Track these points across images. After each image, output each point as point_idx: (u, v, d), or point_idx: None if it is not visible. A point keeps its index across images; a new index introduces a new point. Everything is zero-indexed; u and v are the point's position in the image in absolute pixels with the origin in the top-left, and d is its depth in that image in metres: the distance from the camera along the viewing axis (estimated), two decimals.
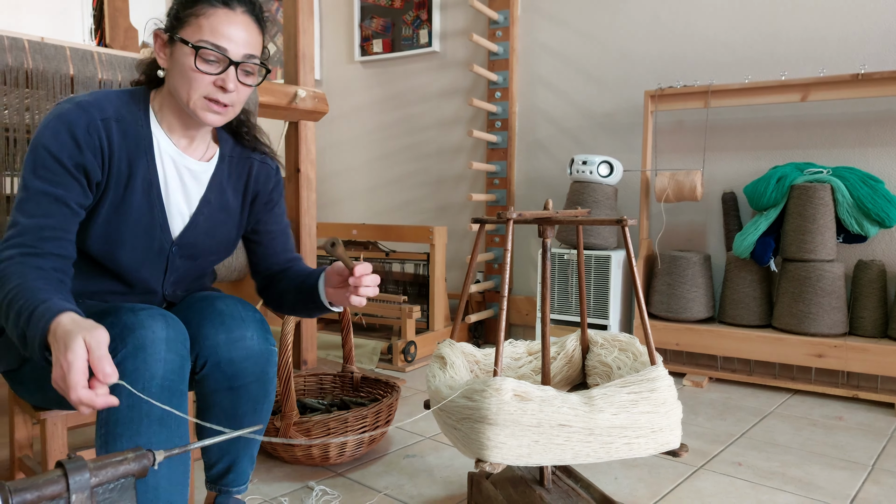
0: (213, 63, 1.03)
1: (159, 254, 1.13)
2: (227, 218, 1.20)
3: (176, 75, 1.05)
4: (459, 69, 3.34)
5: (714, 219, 2.68)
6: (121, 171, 1.06)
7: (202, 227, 1.16)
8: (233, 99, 1.06)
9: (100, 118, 1.03)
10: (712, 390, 2.37)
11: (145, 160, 1.08)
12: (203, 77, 1.03)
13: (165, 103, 1.10)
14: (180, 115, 1.10)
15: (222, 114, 1.07)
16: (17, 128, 1.49)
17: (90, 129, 1.01)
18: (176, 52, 1.05)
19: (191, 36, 1.02)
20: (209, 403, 1.14)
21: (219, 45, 1.03)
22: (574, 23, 2.97)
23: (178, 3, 1.06)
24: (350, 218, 3.79)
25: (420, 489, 1.53)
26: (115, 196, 1.07)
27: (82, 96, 1.05)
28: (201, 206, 1.15)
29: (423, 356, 2.79)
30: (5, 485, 0.57)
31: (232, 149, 1.20)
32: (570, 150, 3.01)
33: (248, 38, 1.06)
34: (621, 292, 2.63)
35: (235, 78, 1.05)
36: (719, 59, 2.64)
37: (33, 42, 1.49)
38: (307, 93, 2.14)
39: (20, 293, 0.88)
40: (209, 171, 1.16)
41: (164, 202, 1.12)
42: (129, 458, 0.64)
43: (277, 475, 1.59)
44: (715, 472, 1.63)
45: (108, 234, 1.08)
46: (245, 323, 1.13)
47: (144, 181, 1.08)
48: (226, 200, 1.18)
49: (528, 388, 1.06)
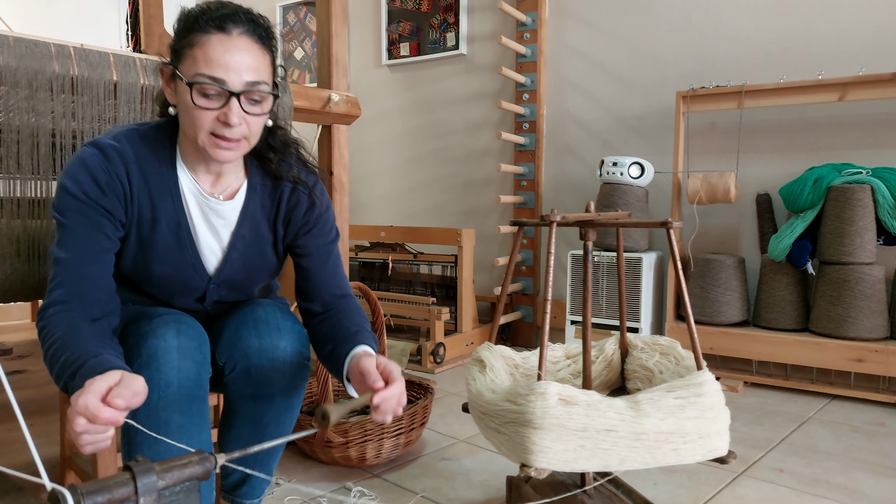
0: (213, 97, 0.95)
1: (195, 289, 1.12)
2: (264, 248, 1.15)
3: (182, 113, 0.99)
4: (487, 72, 3.34)
5: (748, 221, 2.64)
6: (143, 213, 1.03)
7: (238, 263, 1.13)
8: (242, 132, 0.98)
9: (121, 162, 1.00)
10: (748, 395, 2.33)
11: (171, 201, 1.05)
12: (204, 113, 0.95)
13: (185, 140, 1.05)
14: (198, 153, 1.04)
15: (234, 149, 0.99)
16: (64, 133, 1.52)
17: (111, 174, 0.99)
18: (178, 88, 0.98)
19: (187, 70, 0.95)
20: (235, 409, 1.14)
21: (215, 77, 0.94)
22: (603, 24, 2.96)
23: (175, 34, 0.99)
24: (378, 221, 3.81)
25: (457, 492, 1.52)
26: (141, 237, 1.05)
27: (106, 138, 1.02)
28: (234, 241, 1.11)
29: (451, 358, 2.79)
30: (77, 487, 0.58)
31: (263, 177, 1.12)
32: (599, 153, 2.99)
33: (250, 63, 0.96)
34: (652, 295, 2.60)
35: (240, 110, 0.96)
36: (752, 59, 2.60)
37: (78, 49, 1.52)
38: (340, 96, 2.15)
39: (67, 342, 0.88)
40: (237, 208, 1.10)
41: (195, 241, 1.08)
42: (194, 460, 0.65)
43: (315, 475, 1.60)
44: (756, 479, 1.60)
45: (136, 272, 1.08)
46: (280, 332, 1.10)
47: (171, 222, 1.05)
48: (260, 232, 1.13)
49: (573, 392, 1.06)
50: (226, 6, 0.97)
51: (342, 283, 1.19)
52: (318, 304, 1.17)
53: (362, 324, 1.12)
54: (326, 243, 1.17)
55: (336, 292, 1.17)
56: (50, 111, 1.52)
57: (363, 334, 1.08)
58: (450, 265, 3.06)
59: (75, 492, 0.56)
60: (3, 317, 3.47)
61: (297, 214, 1.14)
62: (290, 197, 1.13)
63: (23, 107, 1.48)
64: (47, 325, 0.91)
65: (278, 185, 1.12)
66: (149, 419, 0.95)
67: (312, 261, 1.16)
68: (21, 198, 1.55)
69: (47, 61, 1.45)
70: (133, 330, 0.99)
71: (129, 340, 0.99)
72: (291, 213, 1.14)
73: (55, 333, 0.89)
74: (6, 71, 1.41)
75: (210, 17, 0.95)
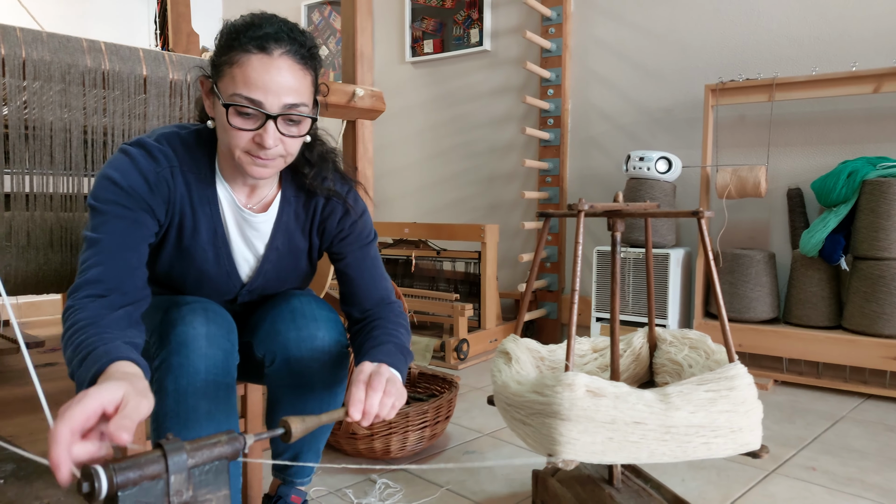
0: (249, 118, 0.93)
1: (227, 293, 1.13)
2: (298, 258, 1.15)
3: (219, 128, 0.98)
4: (511, 67, 3.32)
5: (778, 216, 2.59)
6: (184, 221, 1.03)
7: (271, 273, 1.13)
8: (278, 153, 0.96)
9: (168, 166, 1.00)
10: (778, 393, 2.28)
11: (209, 211, 1.05)
12: (240, 133, 0.93)
13: (222, 152, 1.04)
14: (235, 166, 1.02)
15: (270, 166, 0.97)
16: (95, 129, 1.55)
17: (159, 176, 0.98)
18: (216, 105, 0.97)
19: (225, 88, 0.93)
20: (277, 399, 1.15)
21: (253, 99, 0.91)
22: (630, 16, 2.92)
23: (216, 48, 0.96)
24: (401, 217, 3.81)
25: (482, 485, 1.52)
26: (178, 242, 1.05)
27: (150, 140, 1.00)
28: (268, 252, 1.11)
29: (474, 354, 2.78)
30: (109, 464, 0.58)
31: (297, 189, 1.11)
32: (625, 147, 2.96)
33: (289, 85, 0.93)
34: (680, 291, 2.56)
35: (276, 132, 0.94)
36: (783, 51, 2.55)
37: (109, 44, 1.55)
38: (365, 91, 2.16)
39: (88, 326, 0.85)
40: (270, 220, 1.09)
41: (231, 251, 1.09)
42: (223, 440, 0.65)
43: (340, 467, 1.61)
44: (788, 477, 1.57)
45: (171, 276, 1.09)
46: (317, 322, 1.10)
47: (209, 231, 1.05)
48: (294, 243, 1.13)
49: (601, 383, 1.04)
50: (270, 22, 0.94)
51: (382, 287, 1.16)
52: (356, 309, 1.15)
53: (392, 335, 1.07)
54: (362, 246, 1.15)
55: (376, 297, 1.15)
56: (82, 106, 1.55)
57: (383, 348, 1.03)
58: (473, 261, 3.05)
59: (108, 468, 0.57)
60: (35, 312, 3.55)
61: (332, 223, 1.13)
62: (324, 207, 1.12)
63: (56, 101, 1.51)
64: (75, 304, 0.88)
65: (312, 197, 1.11)
66: (178, 405, 0.96)
67: (350, 266, 1.14)
68: (54, 193, 1.58)
69: (80, 55, 1.47)
70: (162, 317, 1.01)
71: (159, 328, 1.00)
72: (326, 221, 1.13)
73: (79, 314, 0.87)
74: (40, 65, 1.43)
75: (252, 36, 0.92)
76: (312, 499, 1.43)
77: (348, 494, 1.46)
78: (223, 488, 0.64)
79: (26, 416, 1.94)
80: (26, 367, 2.29)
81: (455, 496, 1.46)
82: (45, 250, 1.56)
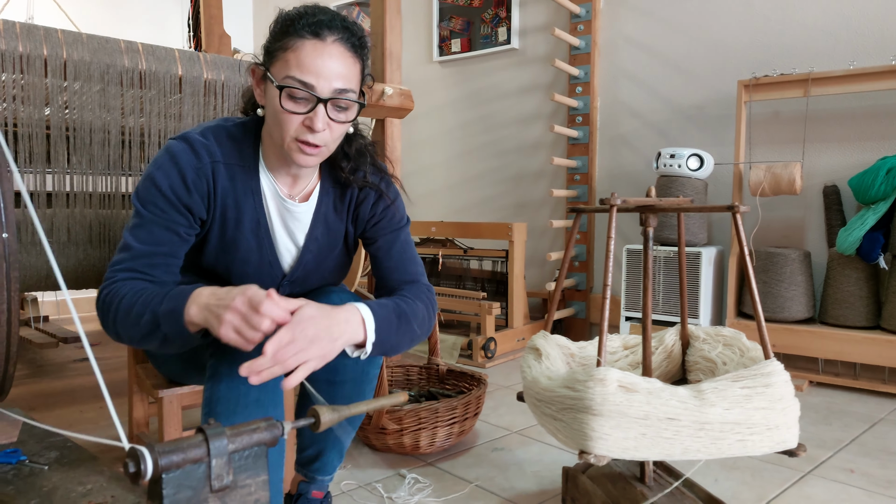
0: (301, 101, 0.96)
1: (269, 285, 1.15)
2: (335, 247, 1.17)
3: (269, 115, 1.01)
4: (539, 65, 3.31)
5: (814, 214, 2.54)
6: (228, 212, 1.06)
7: (311, 263, 1.15)
8: (325, 139, 0.99)
9: (209, 161, 1.03)
10: (813, 394, 2.24)
11: (252, 201, 1.07)
12: (291, 117, 0.96)
13: (268, 141, 1.06)
14: (280, 155, 1.05)
15: (315, 155, 1.00)
16: (132, 130, 1.59)
17: (199, 173, 1.02)
18: (268, 90, 1.00)
19: (279, 72, 0.96)
20: (304, 398, 1.17)
21: (305, 82, 0.94)
22: (660, 12, 2.89)
23: (270, 35, 1.00)
24: (428, 216, 3.83)
25: (511, 482, 1.51)
26: (222, 234, 1.08)
27: (196, 133, 1.03)
28: (308, 242, 1.13)
29: (501, 353, 2.78)
30: (154, 446, 0.60)
31: (334, 181, 1.14)
32: (655, 145, 2.93)
33: (340, 71, 0.96)
34: (712, 290, 2.53)
35: (325, 116, 0.97)
36: (819, 45, 2.50)
37: (146, 45, 1.58)
38: (394, 89, 2.17)
39: (139, 295, 0.94)
40: (310, 210, 1.12)
41: (273, 241, 1.11)
42: (262, 427, 0.66)
43: (370, 462, 1.62)
44: (825, 479, 1.54)
45: (216, 267, 1.12)
46: None
47: (252, 221, 1.08)
48: (332, 232, 1.15)
49: (633, 379, 1.03)
50: (323, 12, 0.97)
51: (411, 270, 1.16)
52: (385, 290, 1.16)
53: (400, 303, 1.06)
54: (394, 230, 1.17)
55: (405, 278, 1.15)
56: (120, 107, 1.59)
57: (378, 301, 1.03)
58: (500, 260, 3.05)
59: (153, 451, 0.58)
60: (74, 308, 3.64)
61: (365, 208, 1.15)
62: (358, 194, 1.15)
63: (95, 102, 1.55)
64: (114, 289, 0.95)
65: (348, 187, 1.14)
66: (229, 390, 0.98)
67: (381, 249, 1.16)
68: (93, 191, 1.62)
69: (118, 56, 1.51)
70: None
71: None
72: (359, 207, 1.15)
73: (123, 289, 0.95)
74: (80, 66, 1.47)
75: (307, 23, 0.95)
76: (343, 492, 1.45)
77: (378, 489, 1.47)
78: (262, 473, 0.65)
79: (65, 408, 2.00)
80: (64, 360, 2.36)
81: (484, 492, 1.46)
82: (85, 246, 1.60)
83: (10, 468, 0.94)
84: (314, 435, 1.20)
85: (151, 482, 0.59)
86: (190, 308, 0.89)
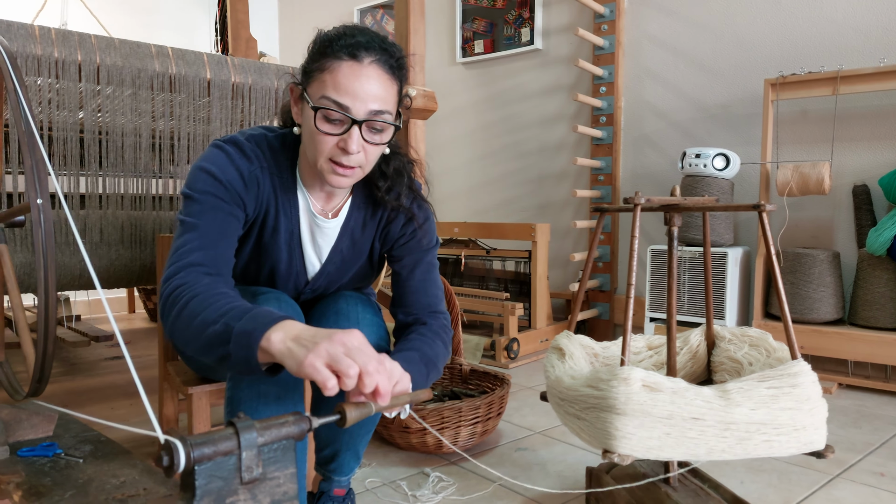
0: (336, 123, 0.96)
1: (292, 290, 1.18)
2: (359, 261, 1.19)
3: (305, 134, 1.02)
4: (562, 65, 3.30)
5: (843, 214, 2.49)
6: (268, 220, 1.08)
7: (333, 274, 1.18)
8: (359, 161, 0.99)
9: (259, 167, 1.04)
10: (842, 397, 2.20)
11: (289, 213, 1.09)
12: (326, 138, 0.97)
13: (304, 159, 1.08)
14: (314, 174, 1.06)
15: (349, 176, 1.00)
16: (162, 132, 1.63)
17: (251, 174, 1.03)
18: (304, 110, 1.00)
19: (315, 92, 0.97)
20: (319, 398, 1.17)
21: (341, 103, 0.95)
22: (685, 11, 2.87)
23: (309, 55, 1.00)
24: (451, 217, 3.84)
25: (534, 482, 1.52)
26: (259, 238, 1.09)
27: (244, 139, 1.05)
28: (332, 255, 1.15)
29: (524, 354, 2.78)
30: (187, 439, 0.61)
31: (366, 198, 1.14)
32: (680, 145, 2.90)
33: (376, 92, 0.96)
34: (738, 291, 2.50)
35: (360, 138, 0.97)
36: (848, 43, 2.45)
37: (176, 49, 1.62)
38: (417, 91, 2.19)
39: (215, 298, 0.87)
40: (338, 225, 1.13)
41: (303, 253, 1.14)
42: (290, 421, 0.67)
43: (394, 460, 1.63)
44: (854, 482, 1.51)
45: (247, 270, 1.14)
46: (359, 325, 1.11)
47: (287, 232, 1.10)
48: (357, 246, 1.17)
49: (658, 378, 1.03)
50: (362, 33, 0.97)
51: (432, 294, 1.16)
52: (402, 312, 1.15)
53: (424, 346, 1.06)
54: (421, 252, 1.16)
55: (424, 303, 1.15)
56: (150, 110, 1.63)
57: (407, 355, 1.01)
58: (523, 261, 3.05)
59: (185, 443, 0.60)
60: (103, 307, 3.72)
61: (395, 227, 1.15)
62: (388, 214, 1.15)
63: (127, 105, 1.59)
64: (188, 279, 0.89)
65: (380, 206, 1.14)
66: (251, 388, 1.00)
67: (404, 268, 1.16)
68: (124, 193, 1.66)
69: (149, 60, 1.55)
70: None
71: None
72: (389, 226, 1.15)
73: (199, 285, 0.88)
74: (113, 70, 1.52)
75: (344, 44, 0.95)
76: (367, 489, 1.46)
77: (402, 486, 1.48)
78: (290, 466, 0.67)
79: (96, 404, 2.05)
80: (96, 359, 2.43)
81: (508, 492, 1.47)
82: (116, 246, 1.65)
83: (47, 461, 0.97)
84: (329, 435, 1.21)
85: (184, 473, 0.61)
86: (273, 334, 0.80)
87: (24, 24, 1.43)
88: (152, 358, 2.55)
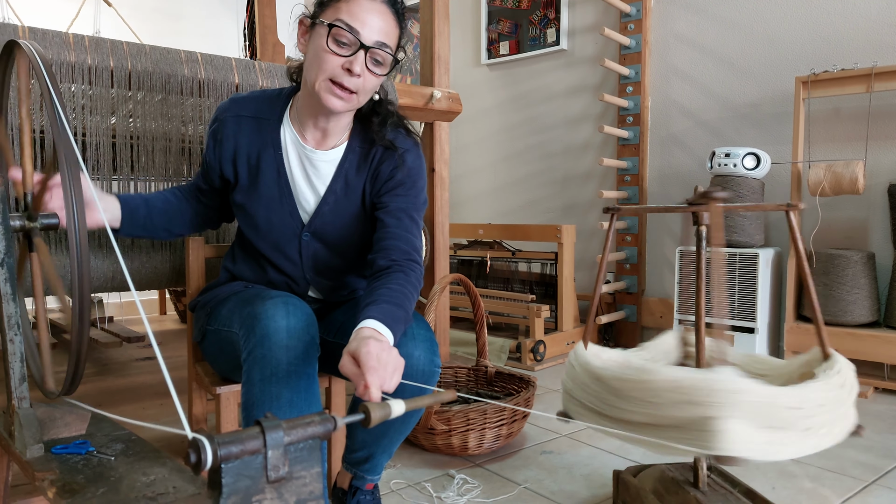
0: (345, 45, 1.06)
1: (292, 239, 1.21)
2: (354, 205, 1.21)
3: (309, 59, 1.10)
4: (588, 66, 3.28)
5: (878, 214, 2.43)
6: (250, 161, 1.19)
7: (329, 216, 1.20)
8: (358, 85, 1.08)
9: (238, 113, 1.20)
10: (878, 401, 2.14)
11: (272, 151, 1.18)
12: (332, 57, 1.06)
13: (303, 94, 1.16)
14: (311, 108, 1.14)
15: (346, 100, 1.09)
16: (192, 138, 1.65)
17: (226, 123, 1.20)
18: (313, 35, 1.10)
19: (328, 17, 1.07)
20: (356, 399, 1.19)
21: (352, 27, 1.05)
22: (713, 9, 2.82)
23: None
24: (476, 219, 3.83)
25: (560, 485, 1.50)
26: (247, 183, 1.20)
27: (242, 93, 1.23)
28: (327, 195, 1.20)
29: (551, 356, 2.76)
30: (214, 437, 0.62)
31: (362, 141, 1.21)
32: (708, 144, 2.86)
33: (383, 27, 1.08)
34: (770, 293, 2.45)
35: (364, 63, 1.07)
36: (883, 39, 2.39)
37: (205, 54, 1.65)
38: (442, 93, 2.19)
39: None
40: (334, 161, 1.19)
41: (293, 190, 1.20)
42: (316, 421, 0.68)
43: (418, 462, 1.63)
44: (891, 489, 1.47)
45: (247, 219, 1.22)
46: (415, 341, 1.11)
47: (272, 170, 1.18)
48: (351, 189, 1.20)
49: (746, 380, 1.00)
50: None
51: (414, 244, 1.17)
52: (381, 257, 1.13)
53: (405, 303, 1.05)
54: (407, 206, 1.18)
55: (404, 247, 1.14)
56: (180, 115, 1.65)
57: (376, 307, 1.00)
58: (549, 262, 3.03)
59: (213, 441, 0.60)
60: (135, 309, 3.80)
61: (385, 169, 1.19)
62: (381, 156, 1.20)
63: (157, 111, 1.62)
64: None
65: (374, 147, 1.20)
66: (262, 393, 1.02)
67: (389, 213, 1.17)
68: None
69: (178, 66, 1.58)
70: (248, 312, 1.08)
71: (246, 322, 1.07)
72: (379, 167, 1.19)
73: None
74: (144, 76, 1.54)
75: None
76: (392, 490, 1.47)
77: (427, 488, 1.48)
78: (316, 466, 0.67)
79: (129, 404, 2.09)
80: (127, 359, 2.46)
81: (533, 495, 1.46)
82: (147, 250, 1.67)
83: (79, 458, 0.99)
84: (365, 438, 1.21)
85: (211, 471, 0.62)
86: None
87: (58, 32, 1.47)
88: (181, 359, 2.59)
